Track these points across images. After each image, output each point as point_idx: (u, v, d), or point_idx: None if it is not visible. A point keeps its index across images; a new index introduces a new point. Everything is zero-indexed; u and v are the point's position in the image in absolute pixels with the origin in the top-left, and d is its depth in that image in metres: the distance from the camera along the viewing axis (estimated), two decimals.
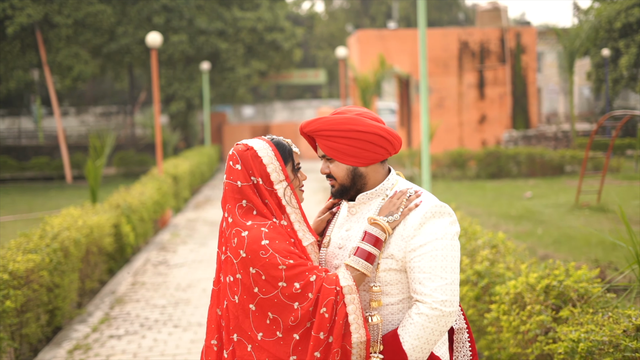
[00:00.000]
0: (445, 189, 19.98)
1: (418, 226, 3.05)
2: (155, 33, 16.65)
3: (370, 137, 3.12)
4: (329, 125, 3.13)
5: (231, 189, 3.10)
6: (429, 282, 3.00)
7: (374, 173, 3.20)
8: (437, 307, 2.98)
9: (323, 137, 3.15)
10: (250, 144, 3.15)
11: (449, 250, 3.04)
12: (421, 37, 10.16)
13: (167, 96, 30.84)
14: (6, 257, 7.53)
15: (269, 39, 30.98)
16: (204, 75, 28.76)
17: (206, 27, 29.44)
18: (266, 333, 2.96)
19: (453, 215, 3.13)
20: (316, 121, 3.16)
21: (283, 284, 2.93)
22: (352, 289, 2.97)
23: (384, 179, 3.23)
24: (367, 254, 3.04)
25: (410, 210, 3.10)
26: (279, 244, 2.97)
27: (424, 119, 10.28)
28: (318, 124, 3.15)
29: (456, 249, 3.07)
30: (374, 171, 3.20)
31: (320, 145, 3.18)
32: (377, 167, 3.21)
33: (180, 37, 28.96)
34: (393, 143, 3.18)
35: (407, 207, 3.11)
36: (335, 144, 3.13)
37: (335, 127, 3.12)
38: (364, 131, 3.11)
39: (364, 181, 3.19)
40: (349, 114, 3.17)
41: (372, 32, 26.85)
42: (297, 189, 3.22)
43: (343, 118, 3.13)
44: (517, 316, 5.35)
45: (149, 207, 13.65)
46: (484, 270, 6.24)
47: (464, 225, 8.06)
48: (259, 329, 2.97)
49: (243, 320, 3.00)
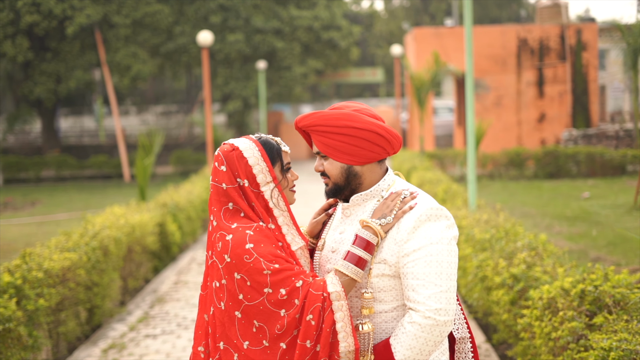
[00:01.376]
0: (501, 188, 19.63)
1: (412, 230, 2.88)
2: (207, 32, 16.68)
3: (367, 134, 2.96)
4: (323, 121, 2.97)
5: (216, 192, 2.96)
6: (423, 289, 2.83)
7: (370, 173, 3.03)
8: (431, 315, 2.81)
9: (318, 132, 2.99)
10: (236, 144, 3.00)
11: (444, 256, 2.86)
12: (467, 34, 9.93)
13: (224, 95, 30.95)
14: (43, 256, 7.55)
15: (326, 37, 30.87)
16: (260, 74, 28.79)
17: (263, 26, 29.46)
18: (252, 342, 2.83)
19: (450, 218, 2.95)
20: (311, 116, 3.01)
21: (269, 290, 2.79)
22: (340, 295, 2.82)
23: (381, 179, 3.06)
24: (358, 259, 2.88)
25: (404, 212, 2.93)
26: (264, 247, 2.82)
27: (469, 118, 10.04)
28: (313, 119, 2.99)
29: (453, 254, 2.89)
30: (370, 171, 3.03)
31: (314, 142, 3.02)
32: (373, 167, 3.04)
33: (236, 37, 29.04)
34: (391, 142, 3.01)
35: (401, 209, 2.95)
36: (329, 141, 2.97)
37: (330, 123, 2.96)
38: (360, 128, 2.95)
39: (359, 181, 3.03)
40: (346, 110, 3.01)
41: (429, 29, 26.56)
42: (287, 190, 3.06)
43: (339, 113, 2.97)
44: (550, 322, 5.12)
45: (197, 206, 13.65)
46: (520, 273, 6.01)
47: (507, 226, 7.83)
48: (245, 337, 2.84)
49: (229, 328, 2.86)
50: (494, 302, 6.47)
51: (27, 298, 6.73)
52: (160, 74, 33.82)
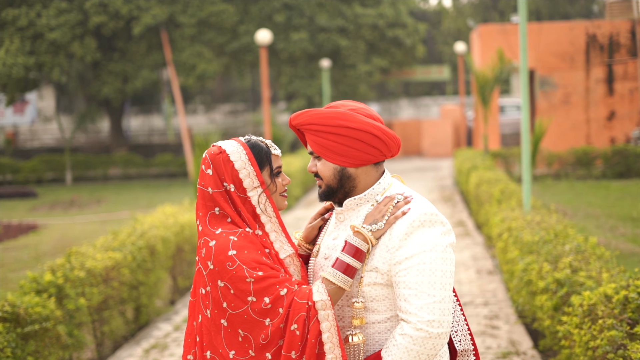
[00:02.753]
0: (567, 188, 19.17)
1: (404, 236, 2.73)
2: (266, 31, 16.65)
3: (362, 135, 2.81)
4: (317, 119, 2.83)
5: (202, 196, 2.85)
6: (415, 299, 2.67)
7: (364, 175, 2.88)
8: (423, 327, 2.64)
9: (311, 131, 2.85)
10: (223, 147, 2.88)
11: (438, 264, 2.69)
12: (521, 32, 9.67)
13: (288, 94, 30.96)
14: (86, 255, 7.58)
15: (391, 35, 30.61)
16: (324, 73, 28.70)
17: (327, 25, 29.36)
18: (239, 351, 2.71)
19: (446, 224, 2.78)
20: (305, 114, 2.87)
21: (252, 299, 2.67)
22: (326, 304, 2.68)
23: (376, 182, 2.91)
24: (346, 266, 2.74)
25: (396, 218, 2.77)
26: (248, 254, 2.70)
27: (524, 117, 9.78)
28: (306, 117, 2.85)
29: (448, 262, 2.72)
30: (365, 174, 2.88)
31: (308, 141, 2.88)
32: (368, 170, 2.89)
33: (300, 35, 29.01)
34: (388, 144, 2.86)
35: (393, 214, 2.79)
36: (323, 140, 2.83)
37: (324, 122, 2.82)
38: (354, 128, 2.81)
39: (353, 184, 2.88)
40: (342, 109, 2.87)
41: (494, 26, 26.11)
42: (276, 195, 2.93)
43: (333, 112, 2.83)
44: (589, 330, 4.89)
45: None
46: (564, 278, 5.78)
47: (558, 228, 7.57)
48: (231, 347, 2.72)
49: (215, 337, 2.76)
50: (538, 307, 6.24)
51: (68, 297, 6.76)
52: (226, 73, 34.00)
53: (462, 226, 14.02)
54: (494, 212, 10.23)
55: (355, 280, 2.79)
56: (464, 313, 3.03)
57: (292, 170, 18.73)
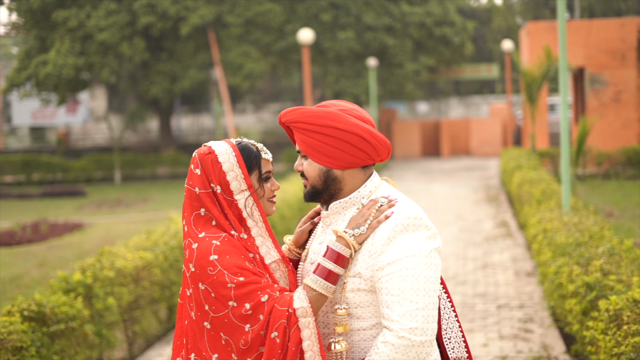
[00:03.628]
0: (616, 188, 18.80)
1: (386, 241, 2.65)
2: (308, 30, 16.61)
3: (349, 137, 2.74)
4: (305, 118, 2.76)
5: (189, 196, 2.81)
6: (397, 306, 2.59)
7: (351, 178, 2.81)
8: (405, 335, 2.56)
9: (299, 130, 2.78)
10: (213, 147, 2.82)
11: (422, 270, 2.61)
12: (561, 28, 9.48)
13: (335, 93, 30.91)
14: (118, 254, 7.61)
15: (439, 33, 30.37)
16: (370, 72, 28.59)
17: (374, 23, 29.23)
18: (222, 355, 2.67)
19: (431, 228, 2.69)
20: (294, 111, 2.80)
21: (233, 304, 2.62)
22: (306, 312, 2.62)
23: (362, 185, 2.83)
24: (328, 272, 2.67)
25: (379, 222, 2.69)
26: (230, 259, 2.65)
27: (563, 115, 9.60)
28: (295, 115, 2.79)
29: (432, 268, 2.64)
30: (352, 176, 2.81)
31: (296, 139, 2.82)
32: (355, 173, 2.81)
33: (347, 34, 28.92)
34: (376, 148, 2.78)
35: (376, 218, 2.71)
36: (310, 140, 2.76)
37: (311, 121, 2.75)
38: (342, 129, 2.73)
39: (339, 186, 2.80)
40: (332, 108, 2.79)
41: (543, 24, 25.73)
42: (264, 200, 2.86)
43: (322, 112, 2.76)
44: (614, 336, 4.75)
45: (292, 205, 13.60)
46: (594, 281, 5.62)
47: (594, 230, 7.39)
48: (214, 350, 2.68)
49: (199, 339, 2.72)
50: (568, 311, 6.09)
51: (97, 297, 6.79)
52: (273, 73, 34.08)
53: (505, 227, 13.82)
54: (532, 213, 10.06)
55: (338, 286, 2.73)
56: (458, 320, 2.95)
57: None
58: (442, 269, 10.33)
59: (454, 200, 18.10)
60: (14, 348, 5.56)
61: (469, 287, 9.43)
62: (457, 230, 13.61)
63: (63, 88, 28.83)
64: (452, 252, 11.59)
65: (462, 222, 14.62)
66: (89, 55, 27.57)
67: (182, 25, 27.69)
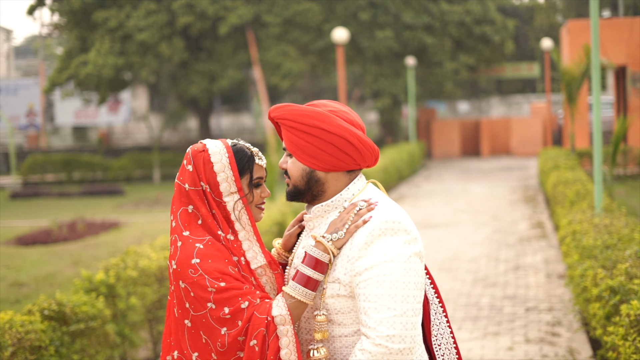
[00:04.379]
0: None
1: (364, 246, 2.58)
2: (342, 29, 16.54)
3: (335, 139, 2.67)
4: (293, 116, 2.70)
5: (179, 191, 2.76)
6: (374, 312, 2.52)
7: (334, 181, 2.74)
8: (382, 343, 2.49)
9: (286, 127, 2.73)
10: (207, 145, 2.78)
11: (400, 275, 2.53)
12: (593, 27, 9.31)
13: (374, 92, 30.79)
14: (142, 254, 7.62)
15: (478, 32, 30.09)
16: (409, 71, 28.43)
17: (412, 22, 29.05)
18: (202, 354, 2.64)
19: (412, 232, 2.61)
20: (283, 107, 2.74)
21: (212, 306, 2.59)
22: (285, 319, 2.56)
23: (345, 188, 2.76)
24: (306, 279, 2.61)
25: (357, 227, 2.62)
26: (212, 263, 2.61)
27: (595, 113, 9.44)
28: (283, 112, 2.73)
29: (411, 273, 2.55)
30: (335, 179, 2.74)
31: (283, 136, 2.76)
32: (339, 176, 2.74)
33: (386, 33, 28.78)
34: (362, 153, 2.71)
35: (354, 222, 2.65)
36: (296, 138, 2.70)
37: (298, 119, 2.69)
38: (328, 131, 2.67)
39: (322, 188, 2.74)
40: (321, 109, 2.73)
41: (583, 22, 25.36)
42: (253, 206, 2.81)
43: (310, 111, 2.70)
44: (633, 343, 4.63)
45: None
46: (618, 285, 5.49)
47: (624, 232, 7.23)
48: (194, 348, 2.65)
49: (181, 337, 2.69)
50: (592, 315, 5.96)
51: (119, 297, 6.80)
52: (312, 72, 34.05)
53: (540, 228, 13.64)
54: (564, 214, 9.90)
55: (318, 292, 2.67)
56: (450, 326, 2.87)
57: (370, 170, 18.58)
58: (472, 271, 10.24)
59: (491, 200, 17.92)
60: (32, 347, 5.58)
61: (499, 289, 9.30)
62: (491, 231, 13.45)
63: (103, 88, 29.13)
64: (484, 254, 11.46)
65: (497, 222, 14.46)
66: (129, 55, 27.80)
67: (220, 25, 27.79)
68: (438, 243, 12.50)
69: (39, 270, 12.31)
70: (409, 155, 24.37)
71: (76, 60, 27.99)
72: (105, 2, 28.12)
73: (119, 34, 27.78)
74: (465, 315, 8.21)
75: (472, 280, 9.82)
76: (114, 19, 27.52)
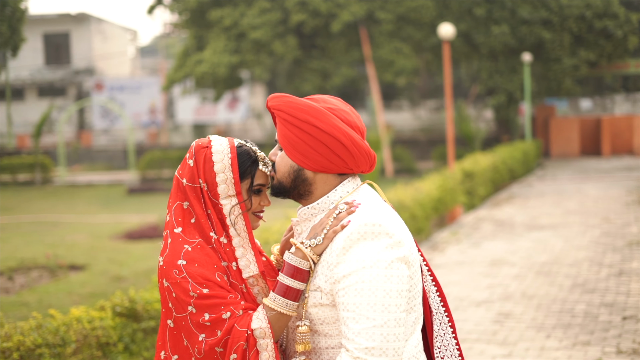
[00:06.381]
0: None
1: (342, 251, 2.39)
2: (448, 24, 16.19)
3: (328, 139, 2.50)
4: (288, 108, 2.54)
5: (176, 185, 2.64)
6: (353, 323, 2.33)
7: (322, 183, 2.56)
8: (360, 356, 2.30)
9: (280, 119, 2.57)
10: (212, 143, 2.64)
11: (380, 283, 2.33)
12: None
13: (489, 89, 30.13)
14: None
15: (599, 26, 28.96)
16: (525, 67, 27.68)
17: (529, 17, 28.22)
18: (182, 357, 2.51)
19: (394, 236, 2.40)
20: (280, 98, 2.58)
21: (192, 310, 2.45)
22: (264, 333, 2.42)
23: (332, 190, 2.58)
24: (285, 289, 2.46)
25: (335, 232, 2.44)
26: (198, 268, 2.47)
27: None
28: (279, 102, 2.57)
29: (393, 280, 2.35)
30: (324, 181, 2.56)
31: (277, 128, 2.60)
32: (329, 178, 2.57)
33: (501, 29, 28.08)
34: (356, 157, 2.52)
35: (332, 227, 2.45)
36: (287, 132, 2.54)
37: (293, 113, 2.52)
38: (322, 130, 2.49)
39: (309, 189, 2.57)
40: (319, 104, 2.56)
41: None
42: (252, 214, 2.66)
43: (307, 106, 2.53)
44: None
45: (425, 204, 13.28)
46: None
47: None
48: (174, 350, 2.52)
49: (164, 337, 2.57)
50: None
51: None
52: (427, 69, 33.64)
53: None
54: None
55: (300, 301, 2.51)
56: (456, 336, 2.66)
57: (479, 168, 18.14)
58: (572, 276, 9.79)
59: (604, 201, 17.19)
60: (100, 344, 5.61)
61: (597, 295, 8.85)
62: (599, 234, 12.88)
63: (219, 85, 29.60)
64: (588, 258, 10.97)
65: (607, 225, 13.84)
66: (243, 54, 28.14)
67: (333, 22, 27.77)
68: (541, 245, 12.05)
69: (141, 265, 12.55)
70: (523, 154, 23.72)
71: (192, 58, 28.55)
72: (220, 1, 28.56)
73: (234, 33, 28.15)
74: (557, 323, 7.84)
75: (570, 285, 9.39)
76: (229, 17, 27.91)
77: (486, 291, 9.31)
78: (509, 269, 10.46)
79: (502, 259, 11.16)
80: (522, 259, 11.08)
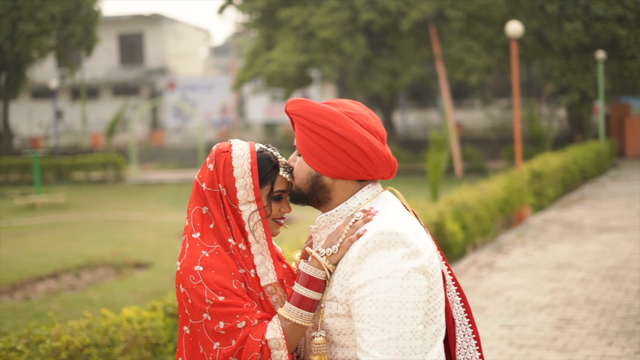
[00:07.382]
0: None
1: (357, 260, 2.31)
2: (516, 22, 15.91)
3: (346, 145, 2.42)
4: (305, 113, 2.47)
5: (196, 189, 2.60)
6: (368, 335, 2.26)
7: (341, 190, 2.49)
8: None
9: (298, 124, 2.50)
10: (233, 147, 2.59)
11: (396, 294, 2.25)
12: None
13: (561, 88, 29.54)
14: None
15: None
16: (599, 65, 27.06)
17: (603, 13, 27.57)
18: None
19: (412, 245, 2.31)
20: (298, 102, 2.52)
21: (208, 317, 2.41)
22: (279, 344, 2.35)
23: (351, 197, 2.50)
24: (300, 299, 2.39)
25: (351, 241, 2.36)
26: (214, 275, 2.43)
27: None
28: (297, 107, 2.50)
29: (410, 291, 2.27)
30: (343, 188, 2.49)
31: (295, 133, 2.54)
32: (348, 184, 2.49)
33: (574, 25, 27.48)
34: (375, 163, 2.44)
35: (347, 235, 2.38)
36: (305, 138, 2.47)
37: (311, 118, 2.46)
38: (341, 135, 2.42)
39: (327, 195, 2.50)
40: (338, 109, 2.48)
41: None
42: (272, 220, 2.60)
43: (325, 110, 2.45)
44: None
45: (490, 205, 13.06)
46: None
47: None
48: (190, 358, 2.49)
49: (180, 343, 2.53)
50: None
51: None
52: (499, 67, 33.15)
53: None
54: None
55: (316, 312, 2.44)
56: (481, 349, 2.56)
57: (549, 168, 17.78)
58: None
59: None
60: (149, 344, 5.64)
61: None
62: None
63: (289, 84, 29.70)
64: None
65: None
66: (312, 53, 28.16)
67: (402, 21, 27.60)
68: (609, 249, 11.73)
69: None
70: (595, 154, 23.18)
71: (262, 57, 28.70)
72: (289, 0, 28.65)
73: (303, 32, 28.21)
74: (620, 330, 7.60)
75: (637, 291, 9.10)
76: (298, 16, 27.97)
77: (549, 295, 9.09)
78: (575, 273, 10.20)
79: (568, 262, 10.90)
80: (589, 263, 10.80)
